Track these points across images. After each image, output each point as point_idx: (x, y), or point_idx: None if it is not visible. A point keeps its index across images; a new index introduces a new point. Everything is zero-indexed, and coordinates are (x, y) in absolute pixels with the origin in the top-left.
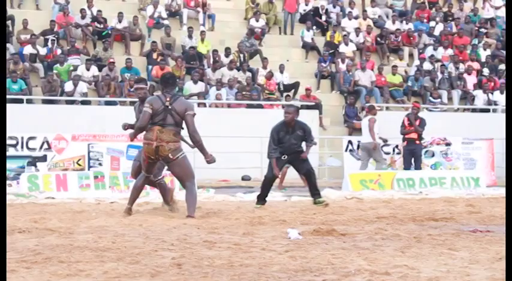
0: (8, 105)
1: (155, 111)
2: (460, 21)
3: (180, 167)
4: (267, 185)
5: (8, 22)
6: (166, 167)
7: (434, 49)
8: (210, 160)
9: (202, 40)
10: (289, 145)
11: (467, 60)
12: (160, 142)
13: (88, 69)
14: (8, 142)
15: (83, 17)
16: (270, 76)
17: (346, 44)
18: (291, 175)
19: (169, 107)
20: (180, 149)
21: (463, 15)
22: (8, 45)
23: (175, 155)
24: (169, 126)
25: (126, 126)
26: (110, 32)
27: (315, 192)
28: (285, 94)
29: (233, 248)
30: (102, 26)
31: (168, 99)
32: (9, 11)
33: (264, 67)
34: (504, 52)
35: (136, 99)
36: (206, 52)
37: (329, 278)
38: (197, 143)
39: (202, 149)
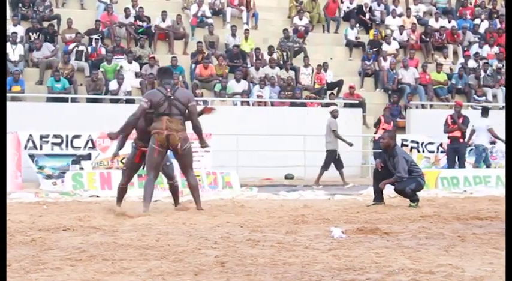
0: (52, 104)
1: (156, 104)
2: (504, 17)
3: (188, 157)
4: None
5: (54, 21)
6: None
7: (480, 47)
8: (205, 145)
9: (246, 39)
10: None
11: None
12: (171, 131)
13: (129, 69)
14: (53, 140)
15: (127, 16)
16: (319, 70)
17: (389, 43)
18: (334, 173)
19: (172, 97)
20: (188, 139)
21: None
22: (46, 44)
23: (184, 145)
24: (176, 116)
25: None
26: (150, 30)
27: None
28: (328, 92)
29: (276, 246)
30: (145, 23)
31: (169, 90)
32: (55, 11)
33: (306, 66)
34: None
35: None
36: (250, 51)
37: (372, 277)
38: (200, 131)
39: (201, 136)
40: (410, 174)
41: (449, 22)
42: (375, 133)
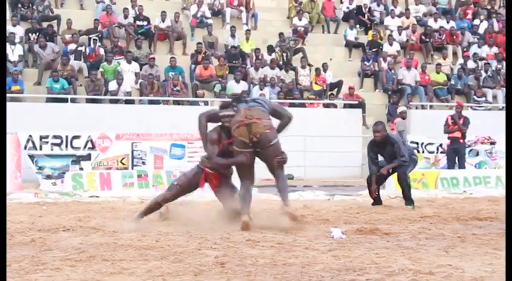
0: (51, 104)
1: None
2: (502, 17)
3: (278, 152)
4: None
5: (54, 22)
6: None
7: (479, 47)
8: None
9: (247, 39)
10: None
11: None
12: (251, 118)
13: (129, 70)
14: (53, 140)
15: (126, 17)
16: (319, 72)
17: (390, 43)
18: (334, 173)
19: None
20: (275, 130)
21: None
22: (51, 44)
23: (271, 137)
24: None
25: None
26: (150, 30)
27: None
28: (328, 93)
29: (276, 247)
30: (144, 23)
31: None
32: (54, 11)
33: (303, 67)
34: None
35: (177, 99)
36: (250, 51)
37: (372, 278)
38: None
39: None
40: (409, 156)
41: (448, 22)
42: None
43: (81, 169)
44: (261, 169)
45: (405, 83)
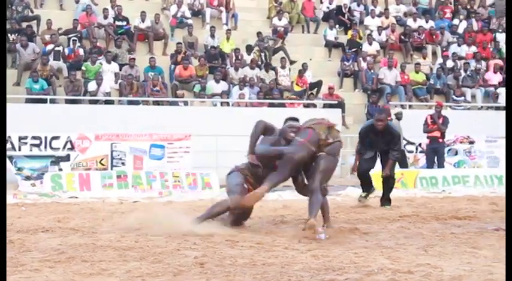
0: (30, 105)
1: None
2: (481, 17)
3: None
4: (363, 179)
5: (33, 22)
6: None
7: (458, 46)
8: None
9: (228, 39)
10: (378, 147)
11: (491, 58)
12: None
13: (109, 70)
14: (32, 141)
15: (106, 17)
16: (302, 74)
17: (370, 43)
18: None
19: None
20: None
21: (486, 12)
22: (32, 44)
23: (336, 150)
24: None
25: None
26: (130, 30)
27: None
28: (308, 92)
29: (256, 247)
30: (124, 23)
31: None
32: (34, 11)
33: (283, 67)
34: None
35: (157, 99)
36: (230, 51)
37: (351, 277)
38: None
39: None
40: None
41: (427, 22)
42: None
43: (61, 169)
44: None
45: (386, 82)
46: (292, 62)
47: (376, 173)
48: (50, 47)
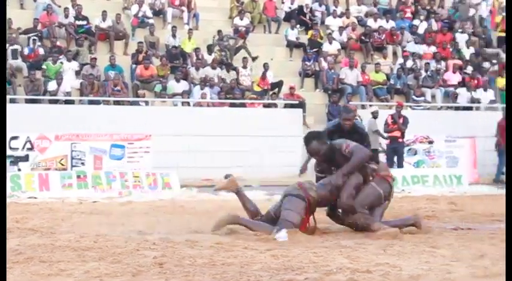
0: None
1: None
2: (441, 17)
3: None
4: None
5: None
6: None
7: (418, 46)
8: None
9: (190, 38)
10: None
11: (450, 58)
12: None
13: (70, 68)
14: None
15: (66, 16)
16: (264, 75)
17: (330, 43)
18: (274, 173)
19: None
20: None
21: (445, 12)
22: None
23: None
24: None
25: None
26: (91, 30)
27: None
28: (270, 92)
29: (215, 247)
30: (85, 22)
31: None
32: None
33: (244, 67)
34: (487, 50)
35: (115, 99)
36: (192, 50)
37: (311, 277)
38: None
39: None
40: None
41: (388, 22)
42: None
43: (20, 170)
44: (200, 169)
45: (347, 82)
46: (254, 59)
47: None
48: (7, 46)
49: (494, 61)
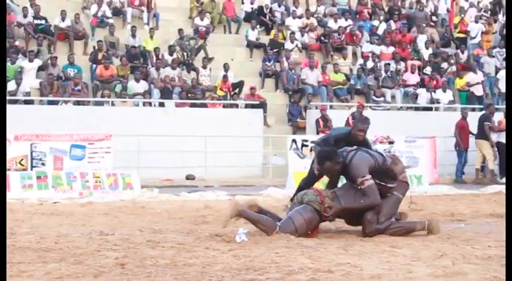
0: None
1: None
2: (401, 17)
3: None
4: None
5: None
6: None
7: (377, 46)
8: None
9: (151, 37)
10: None
11: (409, 59)
12: None
13: (32, 67)
14: None
15: (25, 16)
16: (226, 78)
17: (292, 42)
18: (235, 173)
19: None
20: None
21: (405, 12)
22: None
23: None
24: None
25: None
26: (50, 29)
27: None
28: (232, 93)
29: (177, 247)
30: (44, 21)
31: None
32: None
33: (204, 67)
34: (446, 50)
35: (75, 99)
36: (153, 50)
37: (272, 277)
38: None
39: None
40: None
41: (346, 20)
42: None
43: None
44: (161, 170)
45: (308, 83)
46: (210, 59)
47: None
48: None
49: (453, 62)
